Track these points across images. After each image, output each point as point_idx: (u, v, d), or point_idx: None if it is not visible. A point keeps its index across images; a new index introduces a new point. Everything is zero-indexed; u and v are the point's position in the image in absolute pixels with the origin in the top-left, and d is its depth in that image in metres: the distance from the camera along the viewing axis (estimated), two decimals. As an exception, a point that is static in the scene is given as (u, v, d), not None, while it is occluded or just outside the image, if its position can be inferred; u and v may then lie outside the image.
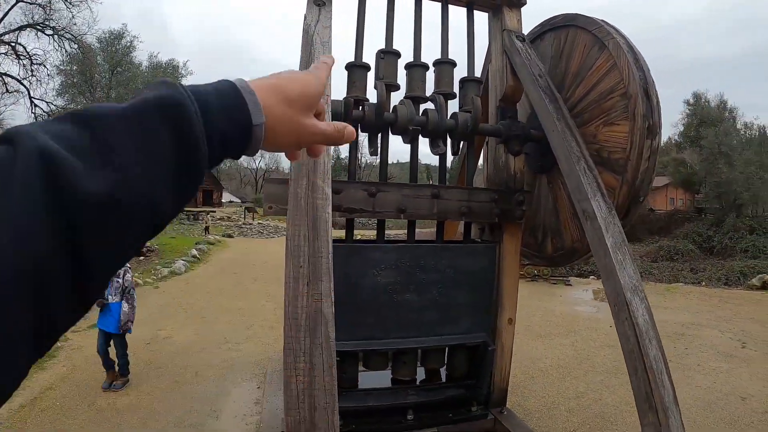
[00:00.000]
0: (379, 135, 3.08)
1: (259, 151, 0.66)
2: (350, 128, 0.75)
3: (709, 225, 33.60)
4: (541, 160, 3.30)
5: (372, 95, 3.07)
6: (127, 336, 5.23)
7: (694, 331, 7.68)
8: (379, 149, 3.11)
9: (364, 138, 3.14)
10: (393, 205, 2.91)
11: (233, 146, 0.59)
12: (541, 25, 3.45)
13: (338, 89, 3.14)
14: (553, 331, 7.40)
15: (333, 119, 2.84)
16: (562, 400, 4.76)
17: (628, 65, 2.67)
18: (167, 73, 34.38)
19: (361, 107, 3.03)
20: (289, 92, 0.66)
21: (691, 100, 44.55)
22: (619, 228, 2.42)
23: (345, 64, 3.14)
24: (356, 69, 3.13)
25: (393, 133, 3.06)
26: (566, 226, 3.15)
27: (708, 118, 40.89)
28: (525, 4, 3.40)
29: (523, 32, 3.34)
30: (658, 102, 2.66)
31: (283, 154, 0.74)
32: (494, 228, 3.34)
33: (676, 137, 49.28)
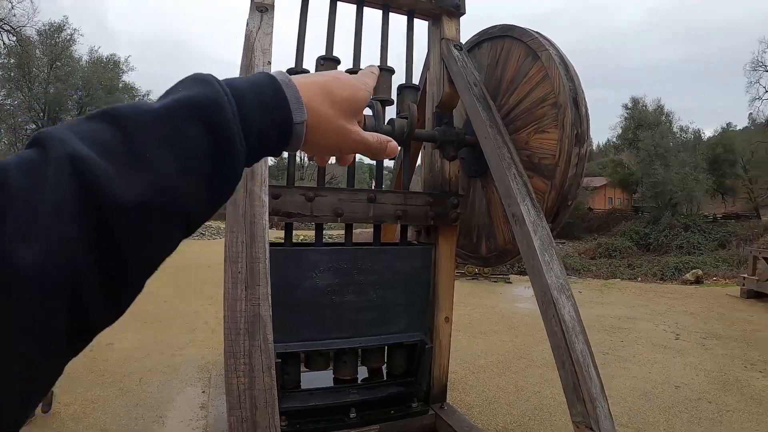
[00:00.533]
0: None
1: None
2: (393, 143, 0.72)
3: (646, 223, 35.05)
4: (476, 165, 3.41)
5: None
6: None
7: (630, 324, 8.02)
8: None
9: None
10: (330, 209, 2.97)
11: (272, 144, 0.58)
12: (479, 34, 3.54)
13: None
14: (494, 328, 7.58)
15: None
16: (502, 394, 4.92)
17: (559, 76, 2.80)
18: (108, 69, 33.28)
19: (300, 113, 3.07)
20: (337, 93, 0.63)
21: (629, 104, 46.47)
22: (546, 231, 2.55)
23: (285, 71, 3.17)
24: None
25: (332, 139, 3.10)
26: (499, 228, 3.28)
27: (645, 121, 42.78)
28: (464, 14, 3.49)
29: (461, 41, 3.44)
30: (586, 111, 2.80)
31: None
32: (430, 230, 3.44)
33: (615, 139, 51.30)
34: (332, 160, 0.79)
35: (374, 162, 3.30)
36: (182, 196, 0.46)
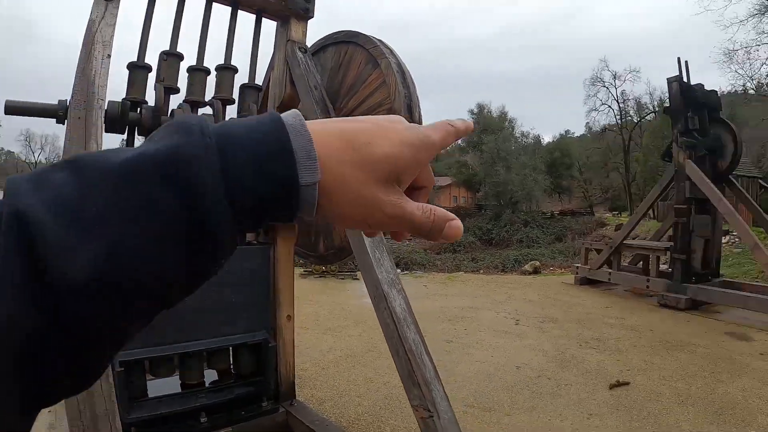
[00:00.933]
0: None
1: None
2: (457, 223, 0.53)
3: (489, 219, 37.83)
4: None
5: (151, 97, 3.02)
6: None
7: (472, 313, 8.53)
8: None
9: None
10: (168, 210, 2.88)
11: (273, 208, 0.45)
12: (325, 38, 3.60)
13: (119, 90, 3.03)
14: (342, 324, 7.70)
15: (108, 121, 2.74)
16: (352, 386, 5.07)
17: (396, 84, 2.93)
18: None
19: (138, 109, 2.96)
20: (369, 149, 0.48)
21: (475, 110, 50.17)
22: None
23: (126, 64, 3.04)
24: (137, 69, 3.04)
25: (171, 137, 3.01)
26: (335, 227, 3.38)
27: (490, 126, 46.37)
28: (312, 17, 3.53)
29: (306, 44, 3.49)
30: (420, 118, 2.97)
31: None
32: (268, 230, 3.49)
33: (461, 142, 54.92)
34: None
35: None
36: (145, 271, 0.38)
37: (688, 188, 9.44)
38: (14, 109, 2.62)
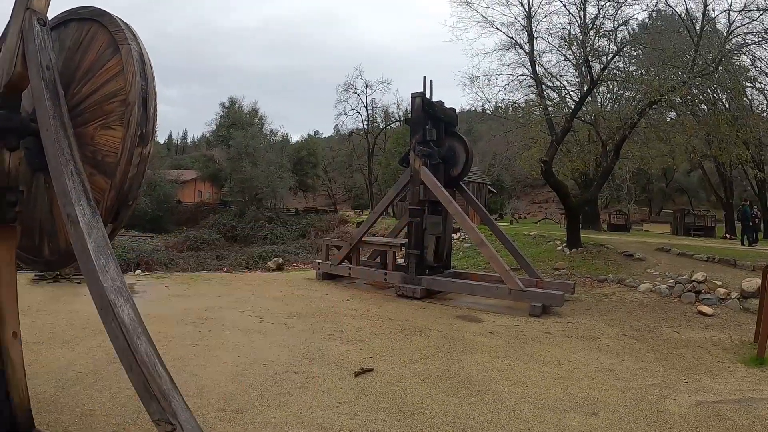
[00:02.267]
0: None
1: None
2: None
3: (233, 216, 37.65)
4: (40, 158, 3.00)
5: None
6: None
7: (217, 314, 8.23)
8: None
9: None
10: None
11: None
12: (69, 12, 3.17)
13: None
14: (81, 334, 6.76)
15: None
16: (97, 405, 4.50)
17: (134, 74, 2.74)
18: None
19: None
20: None
21: (227, 104, 49.41)
22: (102, 233, 2.48)
23: None
24: None
25: None
26: (61, 229, 3.00)
27: (239, 121, 46.17)
28: (61, -17, 3.07)
29: (48, 16, 3.02)
30: (155, 113, 2.81)
31: None
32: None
33: (209, 135, 53.64)
34: None
35: None
36: None
37: (422, 191, 10.69)
38: None
